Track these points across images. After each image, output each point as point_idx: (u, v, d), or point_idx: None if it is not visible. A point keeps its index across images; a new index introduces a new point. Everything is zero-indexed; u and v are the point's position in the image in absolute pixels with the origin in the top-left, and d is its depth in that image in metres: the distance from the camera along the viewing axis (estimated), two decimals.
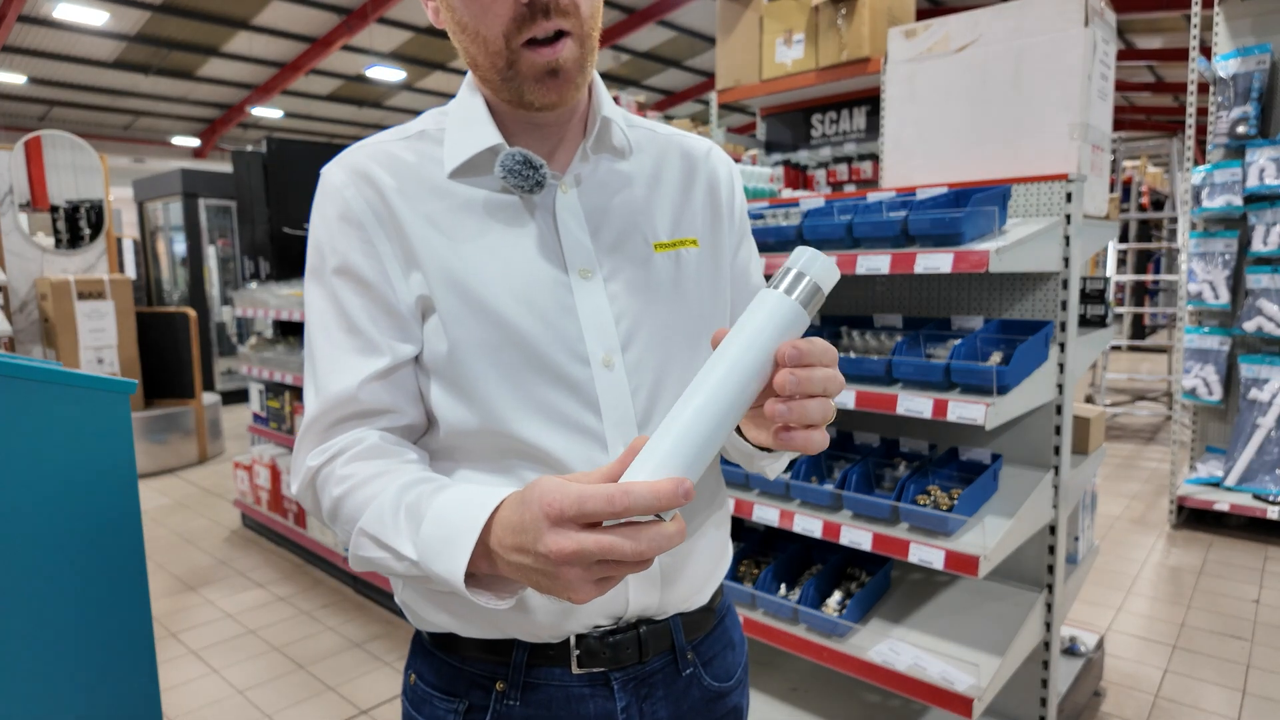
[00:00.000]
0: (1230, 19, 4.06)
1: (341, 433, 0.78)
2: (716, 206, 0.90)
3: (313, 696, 2.69)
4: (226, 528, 4.44)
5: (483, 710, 0.83)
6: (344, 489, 0.74)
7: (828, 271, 0.64)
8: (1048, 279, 2.00)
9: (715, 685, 0.90)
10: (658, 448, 0.58)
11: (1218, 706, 2.49)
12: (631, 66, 13.40)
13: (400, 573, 0.69)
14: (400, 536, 0.67)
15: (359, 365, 0.77)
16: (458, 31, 0.76)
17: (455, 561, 0.63)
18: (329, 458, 0.76)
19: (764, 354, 0.61)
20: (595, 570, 0.57)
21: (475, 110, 0.81)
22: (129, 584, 1.42)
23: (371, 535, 0.70)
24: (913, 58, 2.28)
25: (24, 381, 1.29)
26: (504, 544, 0.61)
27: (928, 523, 1.81)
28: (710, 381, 0.60)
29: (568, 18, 0.72)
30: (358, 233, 0.77)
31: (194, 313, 5.80)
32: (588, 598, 0.58)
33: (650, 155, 0.88)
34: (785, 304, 0.62)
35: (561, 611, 0.79)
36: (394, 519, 0.68)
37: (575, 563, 0.56)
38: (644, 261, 0.83)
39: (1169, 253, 9.15)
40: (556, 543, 0.55)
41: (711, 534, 0.89)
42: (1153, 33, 10.59)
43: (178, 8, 9.82)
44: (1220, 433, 4.34)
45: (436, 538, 0.65)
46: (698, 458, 0.59)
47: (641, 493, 0.54)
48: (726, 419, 0.60)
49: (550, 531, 0.56)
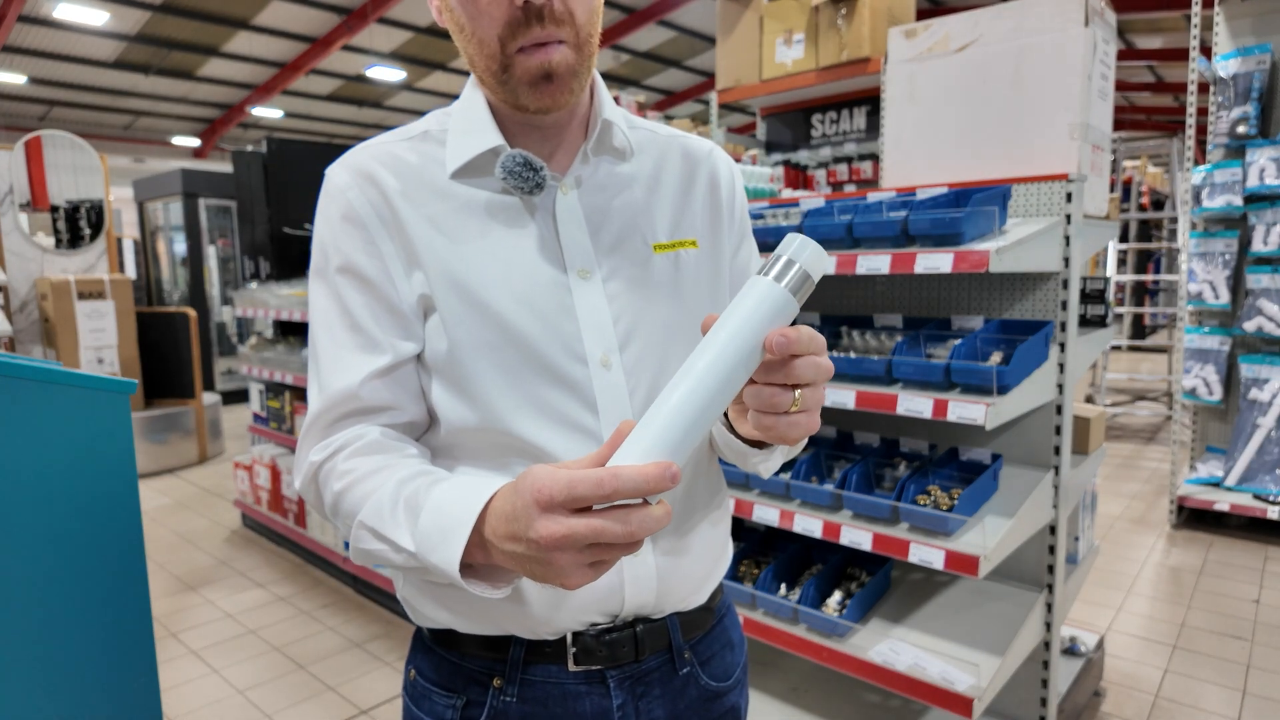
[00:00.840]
0: (1230, 19, 4.06)
1: (343, 429, 0.79)
2: (717, 207, 0.91)
3: (313, 696, 2.69)
4: (226, 528, 4.44)
5: (480, 706, 0.83)
6: (344, 484, 0.75)
7: (818, 259, 0.64)
8: (1048, 279, 2.00)
9: (713, 685, 0.90)
10: (644, 433, 0.59)
11: (1218, 707, 2.49)
12: (631, 66, 13.40)
13: (399, 564, 0.70)
14: (399, 529, 0.69)
15: (361, 363, 0.78)
16: (457, 32, 0.77)
17: (451, 552, 0.64)
18: (330, 453, 0.77)
19: (752, 340, 0.61)
20: (586, 554, 0.57)
21: (477, 111, 0.81)
22: (129, 584, 1.42)
23: (371, 528, 0.71)
24: (913, 58, 2.28)
25: (24, 381, 1.29)
26: (498, 533, 0.61)
27: (928, 523, 1.81)
28: (698, 368, 0.60)
29: (561, 26, 0.72)
30: (360, 233, 0.78)
31: (194, 313, 5.80)
32: (580, 582, 0.58)
33: (651, 156, 0.88)
34: (774, 291, 0.62)
35: (557, 607, 0.80)
36: (392, 512, 0.70)
37: (566, 547, 0.56)
38: (643, 262, 0.83)
39: (1169, 253, 9.15)
40: (547, 528, 0.56)
41: (709, 532, 0.89)
42: (1153, 32, 10.59)
43: (178, 8, 9.82)
44: (1220, 433, 4.34)
45: (433, 529, 0.66)
46: (683, 442, 0.59)
47: (630, 476, 0.54)
48: (713, 404, 0.60)
49: (541, 517, 0.56)
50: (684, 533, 0.85)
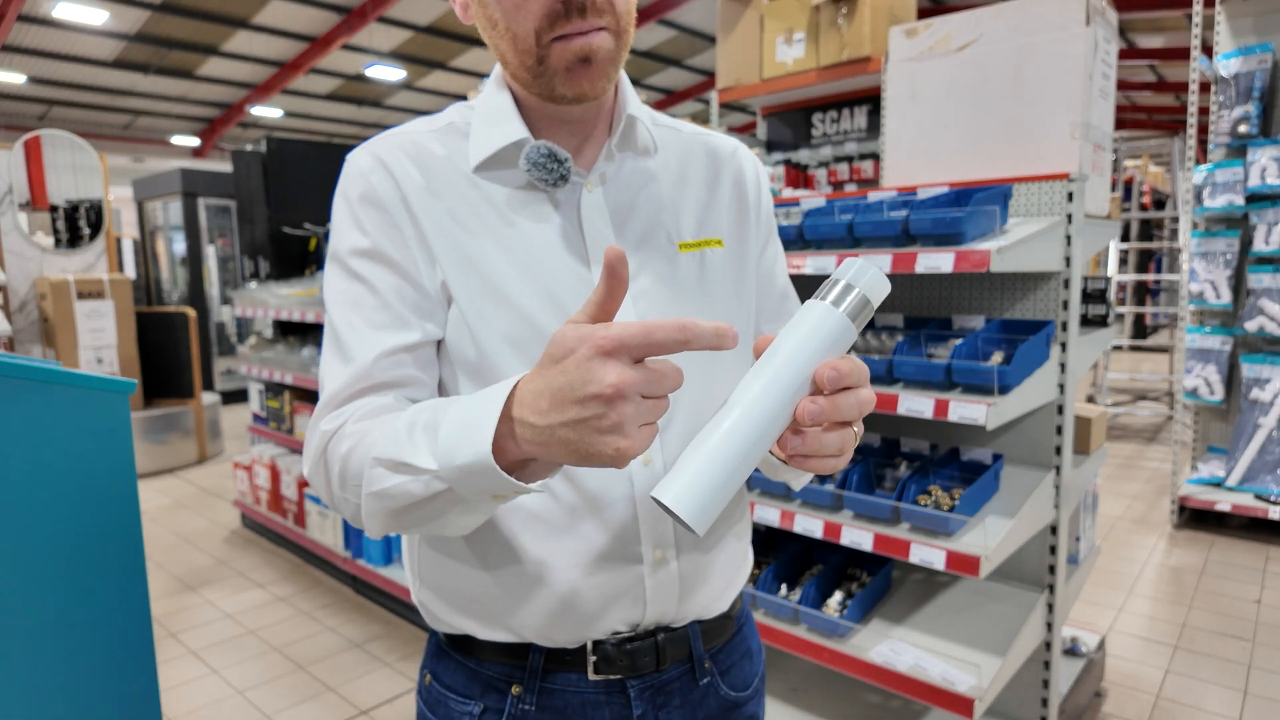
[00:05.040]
0: (1232, 18, 4.05)
1: (360, 400, 0.75)
2: (743, 206, 0.89)
3: (312, 697, 2.68)
4: (226, 528, 4.44)
5: (498, 713, 0.82)
6: (353, 442, 0.70)
7: (878, 284, 0.62)
8: (1049, 279, 2.00)
9: (732, 695, 0.90)
10: (691, 462, 0.57)
11: (1219, 707, 2.48)
12: (632, 65, 13.39)
13: (419, 494, 0.64)
14: (418, 451, 0.63)
15: (384, 339, 0.75)
16: (488, 27, 0.75)
17: (481, 440, 0.58)
18: (342, 422, 0.73)
19: (805, 368, 0.60)
20: (641, 411, 0.55)
21: (502, 105, 0.80)
22: (129, 584, 1.42)
23: (387, 460, 0.65)
24: (914, 57, 2.27)
25: (24, 381, 1.29)
26: (538, 408, 0.56)
27: (929, 523, 1.81)
28: (749, 395, 0.59)
29: (603, 15, 0.71)
30: (381, 215, 0.77)
31: (194, 312, 5.80)
32: (642, 442, 0.55)
33: (675, 154, 0.87)
34: (832, 316, 0.60)
35: (578, 615, 0.78)
36: (409, 438, 0.64)
37: (631, 395, 0.53)
38: (668, 261, 0.82)
39: (1170, 252, 9.15)
40: (618, 374, 0.53)
41: (733, 545, 0.89)
42: (1154, 32, 10.58)
43: (178, 7, 9.81)
44: (1222, 433, 4.33)
45: (456, 432, 0.60)
46: (731, 476, 0.57)
47: (703, 328, 0.55)
48: (762, 438, 0.59)
49: (606, 364, 0.53)
50: (709, 546, 0.84)
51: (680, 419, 0.80)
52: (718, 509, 0.57)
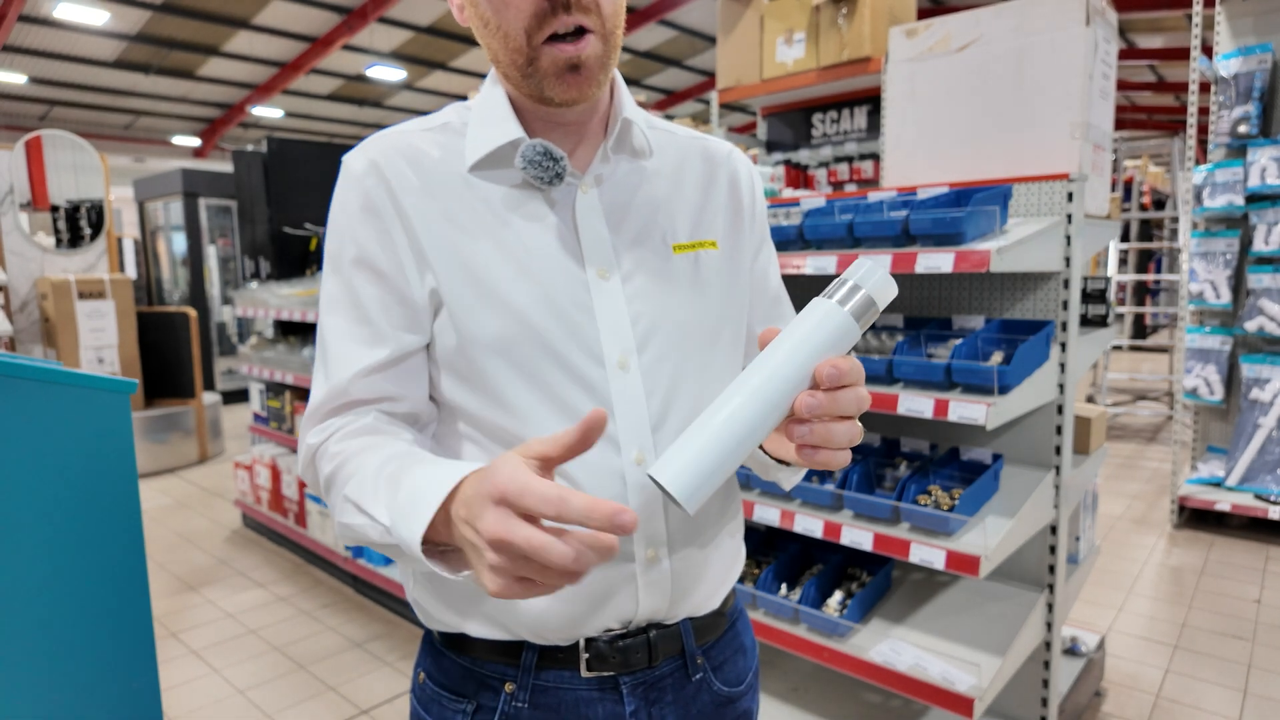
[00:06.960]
0: (1232, 18, 4.06)
1: (341, 415, 0.79)
2: (737, 209, 0.90)
3: (313, 696, 2.69)
4: (227, 528, 4.44)
5: (491, 711, 0.82)
6: (334, 465, 0.75)
7: (884, 285, 0.63)
8: (1049, 279, 2.00)
9: (725, 690, 0.90)
10: (687, 444, 0.59)
11: (1219, 707, 2.48)
12: (632, 66, 13.39)
13: (376, 540, 0.68)
14: (378, 503, 0.67)
15: (364, 356, 0.78)
16: (480, 27, 0.76)
17: (416, 525, 0.62)
18: (326, 436, 0.78)
19: (807, 363, 0.61)
20: (520, 565, 0.55)
21: (498, 105, 0.81)
22: (129, 584, 1.42)
23: (354, 501, 0.70)
24: (914, 57, 2.27)
25: (24, 381, 1.29)
26: (458, 514, 0.60)
27: (929, 523, 1.81)
28: (750, 385, 0.60)
29: (589, 14, 0.72)
30: (376, 222, 0.78)
31: (194, 312, 5.80)
32: (499, 591, 0.56)
33: (670, 157, 0.88)
34: (836, 314, 0.61)
35: (571, 614, 0.79)
36: (374, 486, 0.68)
37: (502, 549, 0.54)
38: (663, 262, 0.82)
39: (1170, 252, 9.15)
40: (492, 522, 0.54)
41: (726, 544, 0.89)
42: (1154, 32, 10.58)
43: (178, 7, 9.81)
44: (1222, 433, 4.33)
45: (407, 503, 0.64)
46: (726, 460, 0.59)
47: (577, 505, 0.52)
48: (760, 426, 0.60)
49: (491, 510, 0.55)
50: (702, 543, 0.85)
51: (674, 416, 0.80)
52: (709, 491, 0.59)
